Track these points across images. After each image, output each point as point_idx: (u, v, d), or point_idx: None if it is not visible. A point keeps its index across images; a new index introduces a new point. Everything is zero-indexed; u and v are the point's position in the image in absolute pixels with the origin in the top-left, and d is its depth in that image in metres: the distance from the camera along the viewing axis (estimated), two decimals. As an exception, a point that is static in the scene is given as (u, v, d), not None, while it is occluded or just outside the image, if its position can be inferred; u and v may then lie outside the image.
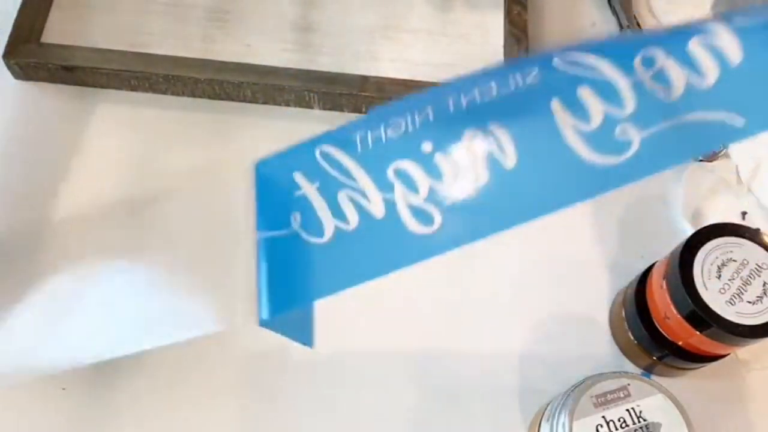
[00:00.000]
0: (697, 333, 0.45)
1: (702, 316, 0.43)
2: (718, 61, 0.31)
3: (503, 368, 0.51)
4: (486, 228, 0.33)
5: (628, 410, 0.41)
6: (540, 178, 0.34)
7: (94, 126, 0.57)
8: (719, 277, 0.44)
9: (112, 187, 0.55)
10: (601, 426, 0.41)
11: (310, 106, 0.58)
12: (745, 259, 0.45)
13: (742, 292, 0.44)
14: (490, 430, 0.49)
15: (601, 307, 0.54)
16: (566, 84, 0.32)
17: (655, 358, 0.50)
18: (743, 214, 0.57)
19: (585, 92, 0.32)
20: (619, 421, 0.41)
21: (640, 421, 0.41)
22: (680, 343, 0.47)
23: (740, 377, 0.52)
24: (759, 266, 0.45)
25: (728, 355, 0.49)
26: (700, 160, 0.59)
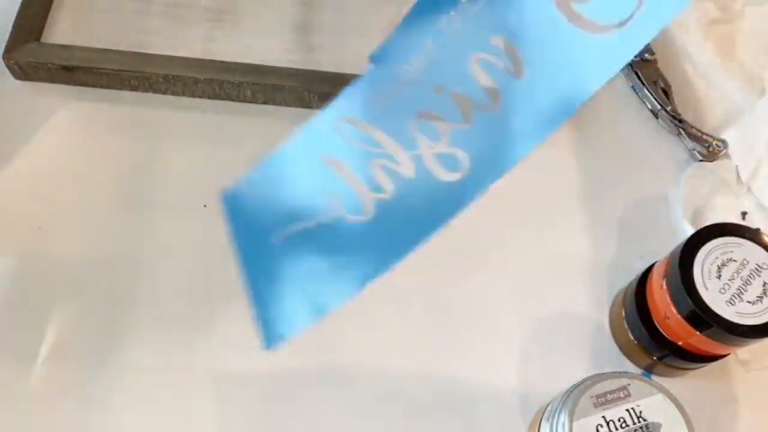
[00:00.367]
0: (697, 333, 0.45)
1: (702, 316, 0.43)
2: None
3: (503, 368, 0.51)
4: (508, 159, 0.32)
5: (628, 410, 0.41)
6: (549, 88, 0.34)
7: (94, 126, 0.57)
8: (719, 277, 0.44)
9: (112, 186, 0.55)
10: (601, 426, 0.41)
11: (310, 106, 0.58)
12: (745, 259, 0.45)
13: (742, 292, 0.44)
14: (491, 430, 0.49)
15: (601, 307, 0.54)
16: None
17: (655, 358, 0.50)
18: (743, 214, 0.57)
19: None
20: (619, 421, 0.41)
21: (640, 421, 0.41)
22: (680, 343, 0.47)
23: (740, 377, 0.52)
24: (759, 266, 0.45)
25: (728, 355, 0.49)
26: (700, 160, 0.59)
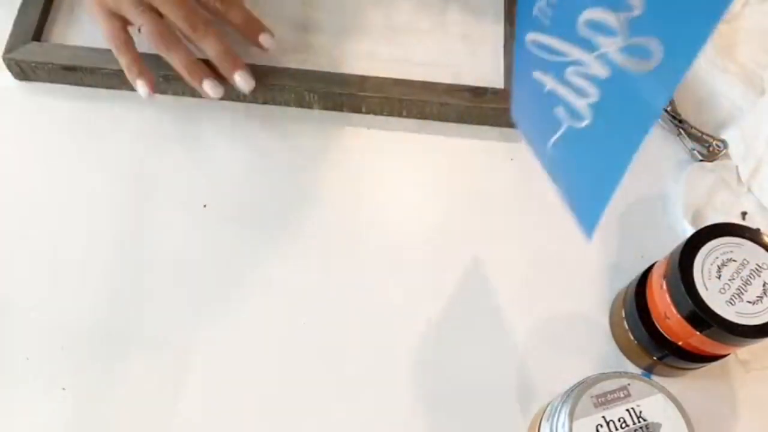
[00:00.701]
0: (697, 333, 0.45)
1: (702, 316, 0.43)
2: None
3: (503, 368, 0.51)
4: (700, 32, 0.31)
5: (628, 410, 0.41)
6: None
7: (94, 126, 0.57)
8: (719, 277, 0.44)
9: (112, 186, 0.55)
10: (601, 426, 0.41)
11: (310, 106, 0.58)
12: (745, 259, 0.45)
13: (742, 292, 0.44)
14: (490, 430, 0.49)
15: (601, 307, 0.54)
16: None
17: (655, 358, 0.50)
18: (743, 214, 0.57)
19: None
20: (619, 421, 0.41)
21: (640, 421, 0.41)
22: (680, 343, 0.47)
23: (740, 377, 0.52)
24: (759, 266, 0.45)
25: (728, 355, 0.49)
26: (700, 160, 0.59)
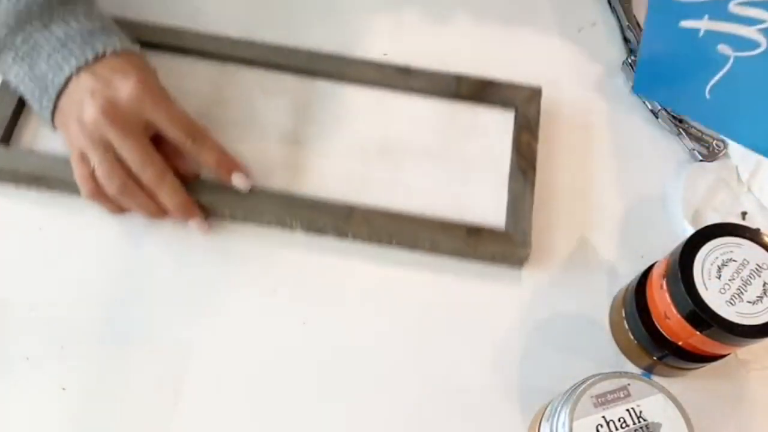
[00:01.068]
0: (697, 333, 0.45)
1: (702, 316, 0.43)
2: None
3: (503, 368, 0.51)
4: None
5: (628, 410, 0.41)
6: None
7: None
8: (719, 277, 0.44)
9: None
10: (601, 426, 0.41)
11: (292, 229, 0.54)
12: (745, 259, 0.45)
13: (742, 292, 0.44)
14: (490, 429, 0.49)
15: (601, 307, 0.54)
16: None
17: (655, 358, 0.50)
18: (743, 214, 0.57)
19: None
20: (619, 421, 0.41)
21: (640, 421, 0.41)
22: (680, 343, 0.47)
23: (740, 377, 0.52)
24: (759, 266, 0.45)
25: (728, 355, 0.49)
26: (700, 160, 0.59)
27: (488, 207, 0.55)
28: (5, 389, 0.48)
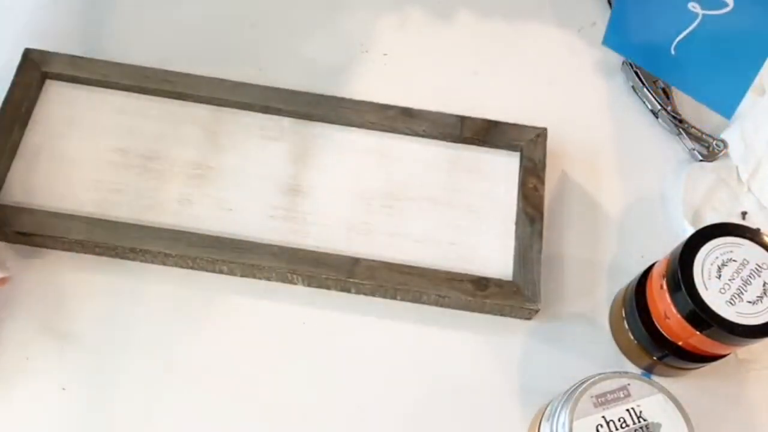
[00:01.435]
0: (697, 333, 0.45)
1: (702, 316, 0.43)
2: None
3: (503, 368, 0.51)
4: None
5: (628, 410, 0.41)
6: None
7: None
8: (719, 277, 0.44)
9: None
10: (601, 426, 0.41)
11: (294, 284, 0.52)
12: (745, 259, 0.45)
13: (742, 292, 0.44)
14: (491, 429, 0.49)
15: (601, 307, 0.54)
16: None
17: (655, 358, 0.50)
18: (743, 214, 0.57)
19: None
20: (619, 421, 0.41)
21: (640, 421, 0.41)
22: (680, 343, 0.47)
23: (740, 377, 0.52)
24: (759, 266, 0.45)
25: (728, 355, 0.49)
26: (700, 160, 0.59)
27: (495, 255, 0.53)
28: (5, 389, 0.48)
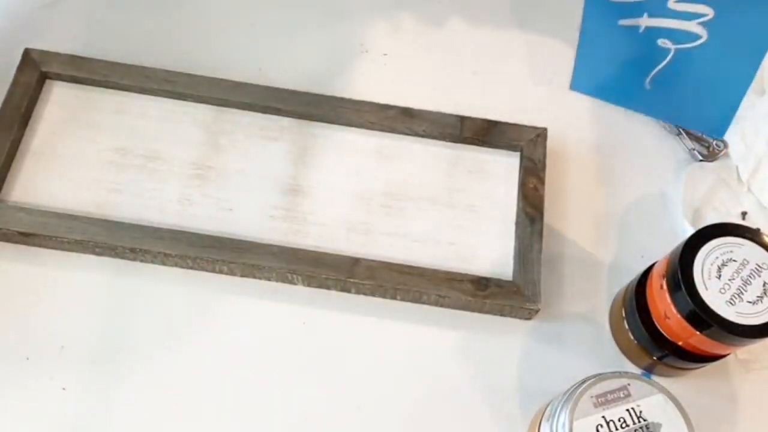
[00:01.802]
0: (697, 333, 0.45)
1: (702, 316, 0.43)
2: None
3: (503, 368, 0.51)
4: None
5: (628, 410, 0.41)
6: None
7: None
8: (719, 277, 0.44)
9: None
10: (601, 426, 0.41)
11: (294, 284, 0.52)
12: (745, 259, 0.45)
13: (742, 292, 0.44)
14: (491, 429, 0.49)
15: (601, 307, 0.54)
16: None
17: (655, 358, 0.50)
18: (743, 214, 0.57)
19: None
20: (619, 421, 0.41)
21: (640, 421, 0.41)
22: (680, 343, 0.47)
23: (740, 377, 0.52)
24: (759, 266, 0.45)
25: (728, 355, 0.49)
26: (700, 160, 0.59)
27: (495, 255, 0.53)
28: (5, 389, 0.48)
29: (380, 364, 0.51)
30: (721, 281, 0.44)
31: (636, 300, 0.49)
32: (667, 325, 0.47)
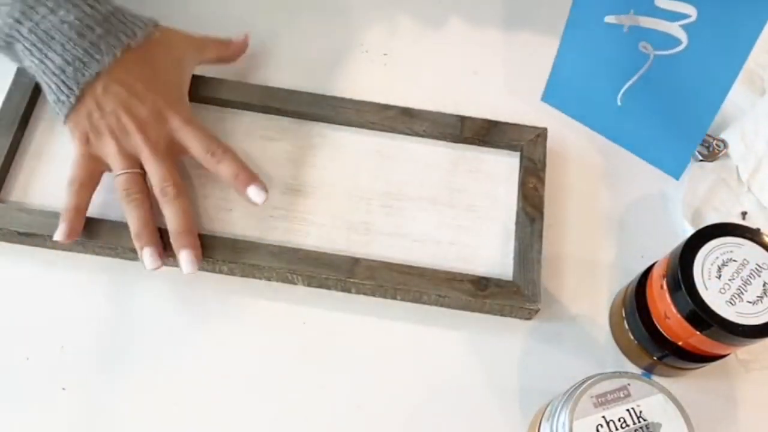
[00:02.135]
0: (697, 333, 0.45)
1: (702, 316, 0.43)
2: None
3: (503, 368, 0.51)
4: None
5: (628, 410, 0.41)
6: None
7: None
8: (719, 277, 0.44)
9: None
10: (601, 426, 0.41)
11: (294, 284, 0.52)
12: (745, 259, 0.45)
13: (742, 292, 0.44)
14: (491, 429, 0.49)
15: (601, 307, 0.54)
16: None
17: (655, 358, 0.50)
18: (743, 214, 0.57)
19: None
20: (619, 421, 0.41)
21: (640, 421, 0.41)
22: (680, 343, 0.47)
23: (740, 377, 0.52)
24: (759, 266, 0.45)
25: (728, 355, 0.49)
26: (700, 160, 0.59)
27: (495, 255, 0.53)
28: (5, 389, 0.48)
29: (380, 364, 0.51)
30: (721, 281, 0.44)
31: (636, 300, 0.49)
32: (667, 325, 0.47)
